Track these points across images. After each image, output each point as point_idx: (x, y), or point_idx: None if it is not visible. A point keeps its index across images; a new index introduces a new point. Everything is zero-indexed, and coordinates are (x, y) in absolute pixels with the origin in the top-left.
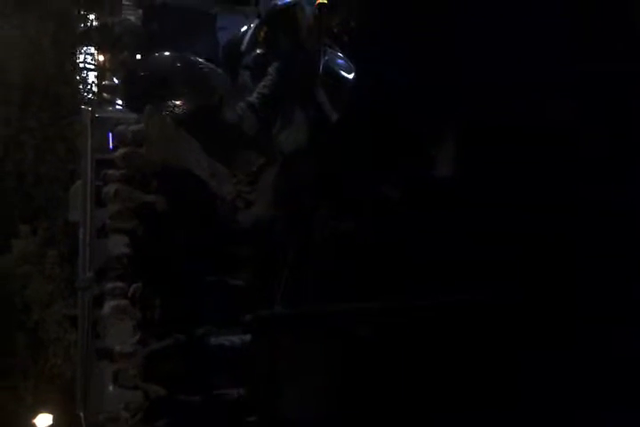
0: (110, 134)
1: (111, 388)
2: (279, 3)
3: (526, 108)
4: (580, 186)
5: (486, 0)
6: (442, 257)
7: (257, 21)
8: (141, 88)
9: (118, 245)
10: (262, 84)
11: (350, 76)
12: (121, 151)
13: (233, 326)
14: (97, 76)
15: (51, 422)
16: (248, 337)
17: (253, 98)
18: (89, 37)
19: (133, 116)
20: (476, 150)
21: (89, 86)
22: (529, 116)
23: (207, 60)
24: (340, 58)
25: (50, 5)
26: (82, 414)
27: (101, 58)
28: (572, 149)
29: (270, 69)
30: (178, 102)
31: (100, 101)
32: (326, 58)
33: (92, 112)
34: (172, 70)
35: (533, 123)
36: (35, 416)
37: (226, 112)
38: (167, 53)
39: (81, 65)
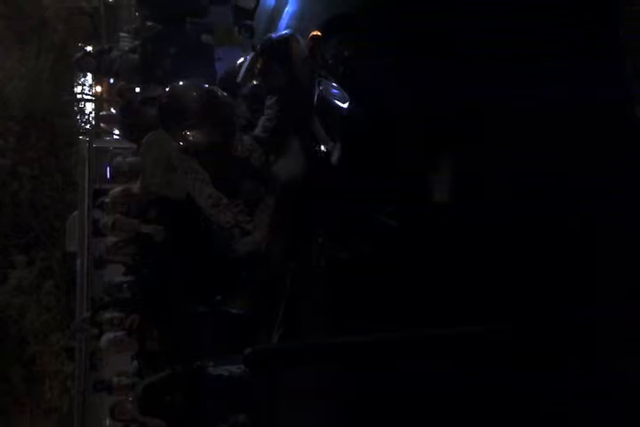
0: (108, 164)
1: (108, 421)
2: (274, 35)
3: (527, 135)
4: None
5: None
6: (443, 286)
7: (252, 54)
8: (158, 117)
9: (116, 275)
10: (264, 117)
11: (345, 106)
12: (113, 192)
13: (232, 355)
14: (94, 107)
15: None
16: (247, 369)
17: (259, 131)
18: (84, 65)
19: (131, 146)
20: (476, 178)
21: (86, 117)
22: (530, 144)
23: None
24: (334, 88)
25: (48, 39)
26: None
27: (99, 89)
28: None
29: (268, 103)
30: (192, 132)
31: (97, 132)
32: (321, 88)
33: (90, 142)
34: (188, 101)
35: (536, 151)
36: None
37: (237, 145)
38: (185, 82)
39: (78, 96)
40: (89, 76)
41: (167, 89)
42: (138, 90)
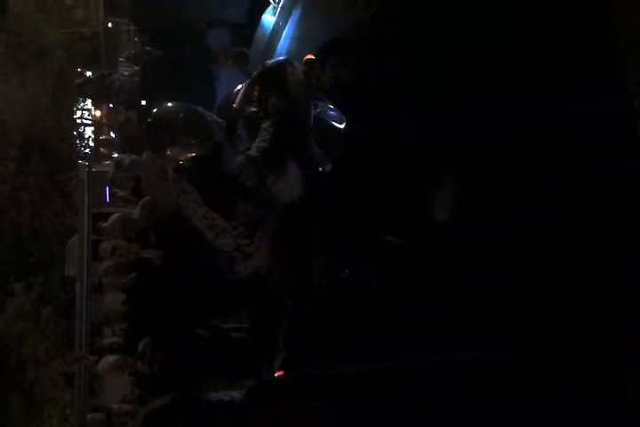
0: (107, 188)
1: None
2: (269, 62)
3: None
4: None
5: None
6: (445, 308)
7: (248, 81)
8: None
9: (115, 300)
10: (260, 139)
11: (342, 126)
12: (112, 218)
13: (233, 381)
14: (94, 131)
15: None
16: (251, 400)
17: (253, 152)
18: (85, 90)
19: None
20: (476, 196)
21: (86, 141)
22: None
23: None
24: (331, 109)
25: (48, 65)
26: None
27: (98, 113)
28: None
29: (265, 125)
30: (177, 149)
31: (96, 156)
32: (317, 110)
33: (89, 167)
34: (173, 119)
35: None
36: None
37: (225, 162)
38: (169, 104)
39: (78, 121)
40: (88, 100)
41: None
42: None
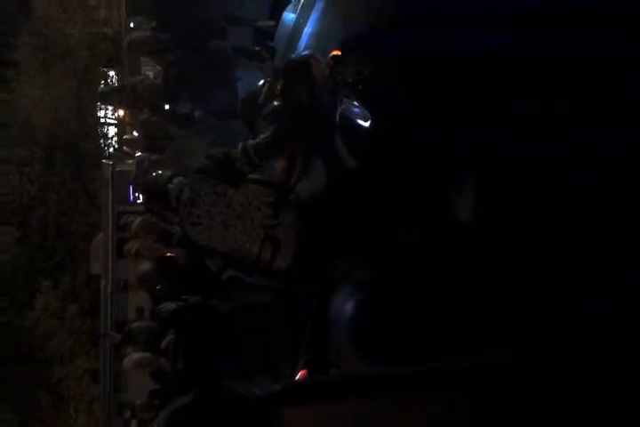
0: (131, 187)
1: None
2: (294, 56)
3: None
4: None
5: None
6: (466, 307)
7: (273, 75)
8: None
9: (139, 298)
10: (271, 128)
11: (367, 124)
12: (138, 221)
13: (256, 379)
14: (117, 131)
15: None
16: (270, 390)
17: (253, 141)
18: (110, 98)
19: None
20: (498, 196)
21: (110, 141)
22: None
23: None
24: (355, 107)
25: (72, 65)
26: None
27: (121, 113)
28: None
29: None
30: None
31: (120, 155)
32: (342, 107)
33: (113, 166)
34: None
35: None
36: None
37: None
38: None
39: (102, 120)
40: None
41: None
42: (167, 107)
